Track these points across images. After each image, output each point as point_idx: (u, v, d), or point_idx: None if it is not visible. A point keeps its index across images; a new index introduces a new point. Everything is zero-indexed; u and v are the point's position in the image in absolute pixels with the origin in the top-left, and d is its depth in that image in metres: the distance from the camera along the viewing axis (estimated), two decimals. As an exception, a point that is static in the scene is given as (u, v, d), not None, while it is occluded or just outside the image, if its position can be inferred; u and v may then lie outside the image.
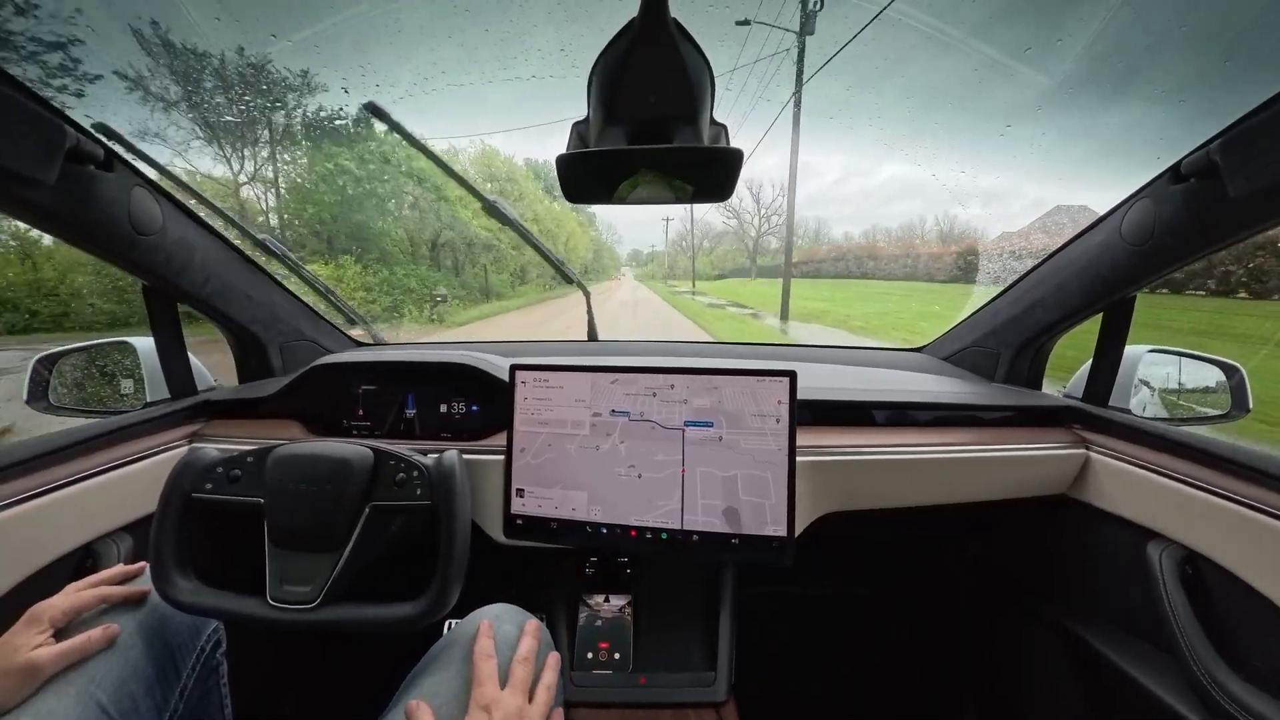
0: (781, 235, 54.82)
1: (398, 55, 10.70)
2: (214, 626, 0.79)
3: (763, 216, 58.87)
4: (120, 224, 0.88)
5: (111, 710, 0.60)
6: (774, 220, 57.27)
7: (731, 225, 60.57)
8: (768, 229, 58.69)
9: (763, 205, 57.61)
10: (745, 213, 60.58)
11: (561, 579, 1.10)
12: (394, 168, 13.74)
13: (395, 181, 14.22)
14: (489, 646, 0.68)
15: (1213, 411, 1.13)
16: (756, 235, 60.47)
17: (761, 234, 59.79)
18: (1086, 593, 1.05)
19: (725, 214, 57.32)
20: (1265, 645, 0.74)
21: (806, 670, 1.52)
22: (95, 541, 0.86)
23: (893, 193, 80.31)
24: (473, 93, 25.23)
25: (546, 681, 0.70)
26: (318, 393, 1.09)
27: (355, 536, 0.73)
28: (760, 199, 57.69)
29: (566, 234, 26.60)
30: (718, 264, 70.28)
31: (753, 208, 58.23)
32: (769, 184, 59.64)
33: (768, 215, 58.72)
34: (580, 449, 0.91)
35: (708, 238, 76.04)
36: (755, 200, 57.72)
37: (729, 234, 67.60)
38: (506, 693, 0.64)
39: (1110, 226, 0.95)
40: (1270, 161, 0.66)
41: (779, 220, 57.48)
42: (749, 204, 63.56)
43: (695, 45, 0.57)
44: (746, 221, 60.64)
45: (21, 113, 0.68)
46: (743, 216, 60.67)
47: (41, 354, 1.14)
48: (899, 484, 1.01)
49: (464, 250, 18.06)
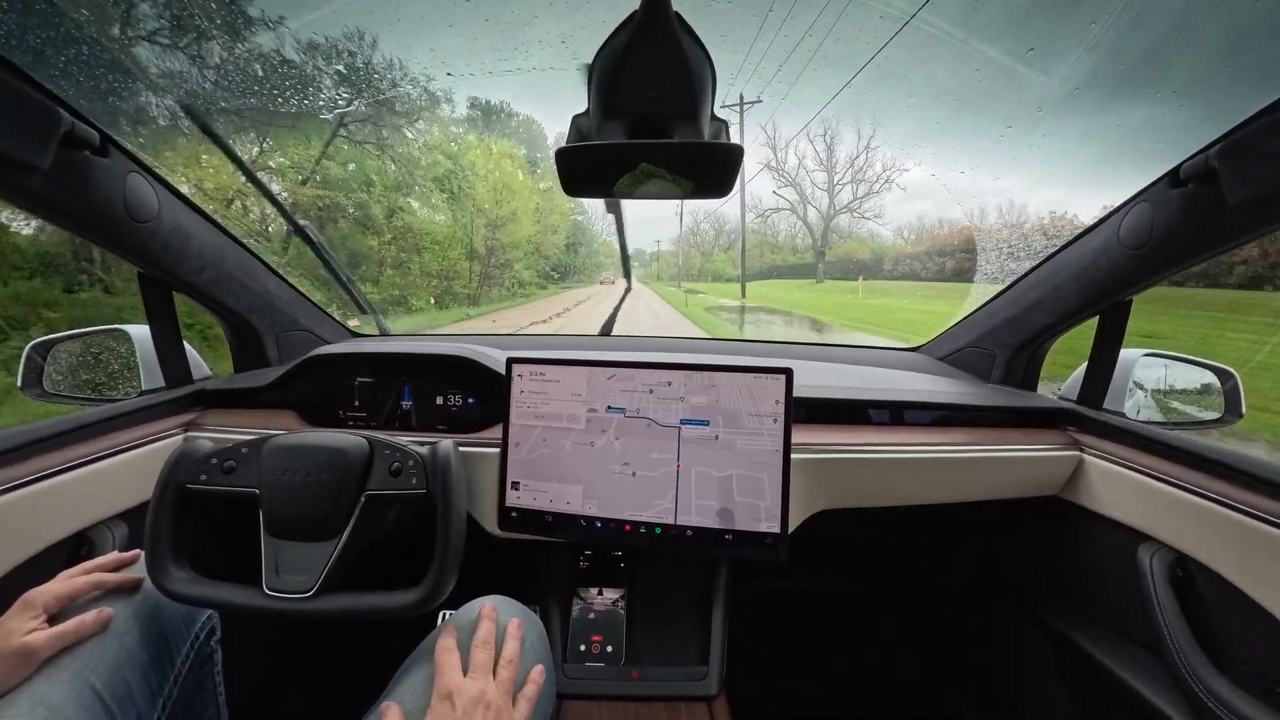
0: (868, 212, 36.59)
1: (398, 44, 10.60)
2: (208, 614, 0.79)
3: (841, 185, 35.73)
4: (116, 210, 0.87)
5: (106, 696, 0.60)
6: (862, 192, 35.19)
7: (785, 201, 38.13)
8: (855, 202, 36.31)
9: (837, 168, 35.80)
10: (807, 179, 38.67)
11: (555, 572, 1.10)
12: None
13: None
14: (450, 643, 0.68)
15: (1206, 416, 1.14)
16: (829, 212, 37.11)
17: (837, 210, 37.07)
18: (1078, 593, 1.06)
19: (779, 181, 37.14)
20: (1252, 648, 0.75)
21: (798, 666, 1.53)
22: (90, 529, 0.86)
23: (901, 195, 62.09)
24: (473, 85, 23.64)
25: (507, 656, 0.69)
26: (314, 383, 1.09)
27: (351, 526, 0.73)
28: (831, 158, 35.58)
29: (511, 211, 16.98)
30: (738, 261, 54.59)
31: (819, 173, 36.60)
32: (851, 133, 37.69)
33: (846, 183, 35.65)
34: (575, 444, 0.92)
35: (721, 234, 58.55)
36: (825, 159, 35.39)
37: (773, 216, 46.16)
38: (467, 679, 0.63)
39: (1108, 230, 0.95)
40: (1268, 168, 0.66)
41: (865, 193, 35.01)
42: (811, 166, 41.53)
43: (697, 40, 0.56)
44: (807, 196, 38.20)
45: (15, 97, 0.67)
46: (803, 186, 38.76)
47: (36, 340, 1.14)
48: (893, 482, 1.02)
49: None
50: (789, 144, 37.40)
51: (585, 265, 33.55)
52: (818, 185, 38.04)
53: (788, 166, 36.77)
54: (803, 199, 38.19)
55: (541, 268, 21.78)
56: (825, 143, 37.32)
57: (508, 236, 17.22)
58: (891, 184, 35.03)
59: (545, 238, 21.39)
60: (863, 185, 37.71)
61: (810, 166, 41.67)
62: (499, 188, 16.95)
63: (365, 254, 12.40)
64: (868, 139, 36.28)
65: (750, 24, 13.15)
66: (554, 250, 22.97)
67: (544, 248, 21.45)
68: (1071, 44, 1.16)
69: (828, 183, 37.74)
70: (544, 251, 21.49)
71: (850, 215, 37.95)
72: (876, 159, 36.61)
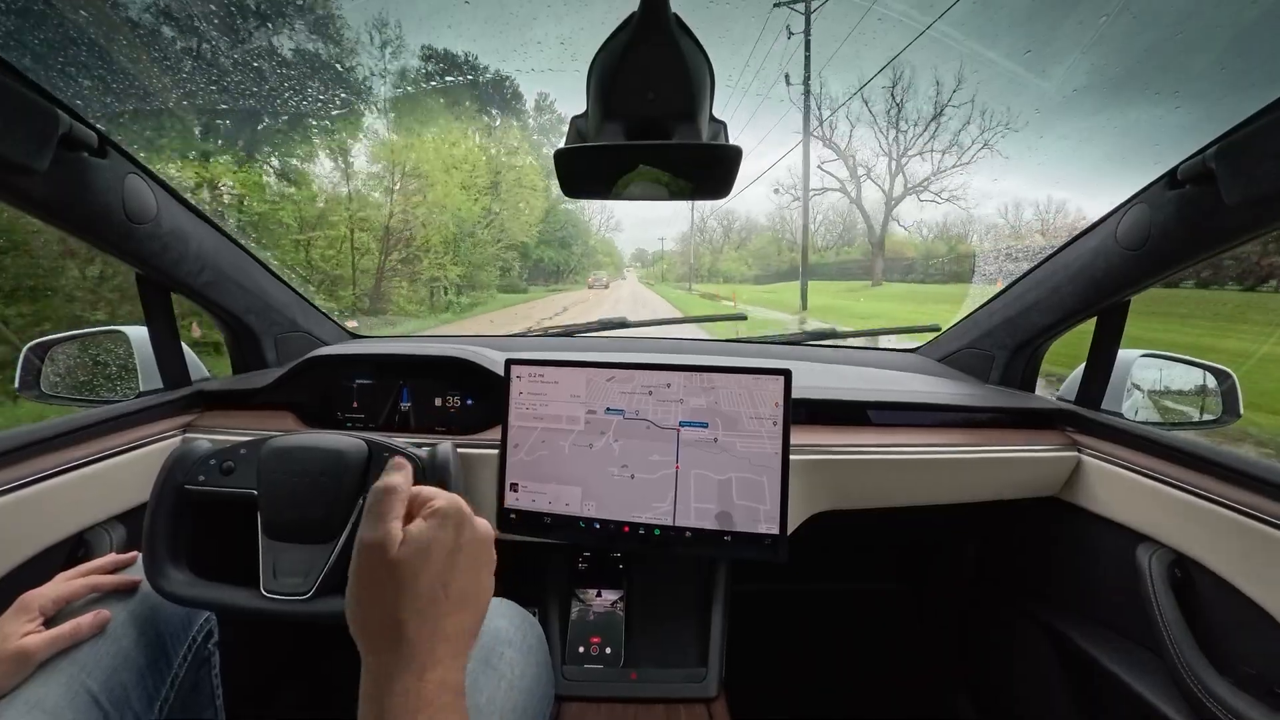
0: (944, 191, 24.10)
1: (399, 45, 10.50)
2: (206, 616, 0.79)
3: (908, 154, 24.16)
4: (114, 212, 0.87)
5: (102, 699, 0.60)
6: (948, 163, 23.42)
7: (835, 180, 25.81)
8: (931, 179, 24.44)
9: (908, 131, 23.94)
10: (873, 140, 25.88)
11: (554, 573, 1.10)
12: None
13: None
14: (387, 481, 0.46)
15: (1204, 416, 1.14)
16: (892, 192, 25.23)
17: (909, 187, 25.15)
18: (1077, 594, 1.06)
19: (826, 154, 24.87)
20: (1251, 649, 0.75)
21: (798, 667, 1.53)
22: (87, 531, 0.86)
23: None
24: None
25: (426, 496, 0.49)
26: (312, 385, 1.09)
27: (349, 528, 0.73)
28: (900, 115, 23.85)
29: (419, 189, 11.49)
30: (750, 260, 46.83)
31: (881, 138, 24.37)
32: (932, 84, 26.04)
33: (916, 154, 24.00)
34: (574, 446, 0.91)
35: (731, 230, 49.50)
36: (890, 122, 23.78)
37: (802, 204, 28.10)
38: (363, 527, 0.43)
39: (1106, 230, 0.96)
40: (1265, 169, 0.66)
41: (951, 165, 23.19)
42: (865, 133, 29.87)
43: (696, 42, 0.56)
44: (869, 169, 25.43)
45: (13, 98, 0.67)
46: (859, 157, 26.04)
47: (33, 341, 1.13)
48: (892, 483, 1.02)
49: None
50: (853, 97, 25.13)
51: (581, 265, 27.64)
52: (881, 155, 25.32)
53: (837, 136, 25.47)
54: (854, 176, 26.13)
55: (510, 264, 16.89)
56: (894, 97, 23.83)
57: (423, 223, 11.47)
58: (991, 148, 22.60)
59: (512, 223, 15.92)
60: (948, 155, 24.07)
61: (869, 135, 28.27)
62: (396, 151, 11.33)
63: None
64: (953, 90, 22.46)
65: (749, 24, 12.87)
66: (525, 240, 17.11)
67: (508, 238, 15.77)
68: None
69: (894, 151, 24.90)
70: (508, 243, 15.90)
71: (917, 197, 25.41)
72: (956, 120, 23.18)
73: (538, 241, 20.66)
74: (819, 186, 26.82)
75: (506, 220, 16.06)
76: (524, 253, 18.74)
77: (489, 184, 14.90)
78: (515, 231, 16.58)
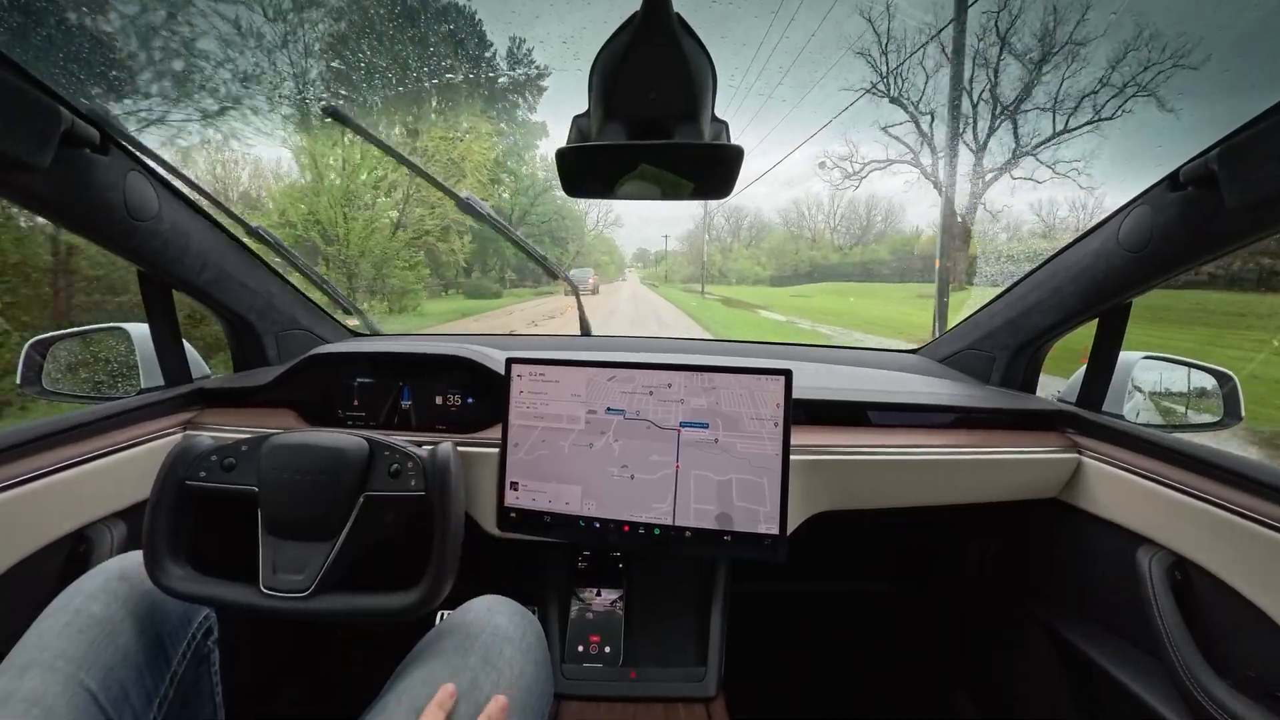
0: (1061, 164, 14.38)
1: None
2: (205, 614, 0.79)
3: (1012, 111, 14.67)
4: (116, 209, 0.87)
5: (101, 697, 0.60)
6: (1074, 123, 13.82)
7: (904, 147, 17.94)
8: (1052, 143, 14.91)
9: (1014, 75, 14.62)
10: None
11: (554, 572, 1.10)
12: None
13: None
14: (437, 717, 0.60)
15: (1205, 419, 1.14)
16: (984, 165, 15.57)
17: (1025, 146, 15.23)
18: (1077, 596, 1.06)
19: (887, 111, 17.71)
20: (1251, 651, 0.75)
21: (797, 667, 1.53)
22: (88, 527, 0.86)
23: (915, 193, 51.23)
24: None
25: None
26: (313, 382, 1.09)
27: (349, 526, 0.73)
28: (1004, 54, 14.26)
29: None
30: (769, 260, 42.10)
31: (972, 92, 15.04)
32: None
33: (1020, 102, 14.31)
34: (574, 446, 0.91)
35: (740, 228, 45.77)
36: (985, 64, 14.48)
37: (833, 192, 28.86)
38: None
39: (1108, 232, 0.96)
40: (1267, 172, 0.66)
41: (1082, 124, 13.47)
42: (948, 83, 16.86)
43: (698, 41, 0.56)
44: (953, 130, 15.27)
45: (15, 94, 0.67)
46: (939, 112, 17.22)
47: (35, 338, 1.14)
48: (892, 484, 1.02)
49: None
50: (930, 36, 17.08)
51: (577, 264, 24.79)
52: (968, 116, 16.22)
53: (908, 89, 17.82)
54: (927, 142, 17.95)
55: (474, 260, 14.00)
56: (997, 29, 15.00)
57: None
58: (1152, 93, 13.05)
59: (423, 213, 12.37)
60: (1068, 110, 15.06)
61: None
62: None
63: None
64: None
65: (750, 25, 12.71)
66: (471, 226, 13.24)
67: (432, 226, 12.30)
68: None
69: (987, 107, 16.32)
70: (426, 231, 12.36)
71: (1009, 176, 16.61)
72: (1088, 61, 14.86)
73: (524, 235, 19.53)
74: (882, 158, 19.44)
75: (420, 214, 12.38)
76: (497, 250, 15.16)
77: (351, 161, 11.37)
78: (427, 221, 12.71)
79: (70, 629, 0.62)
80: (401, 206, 12.69)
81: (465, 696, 0.64)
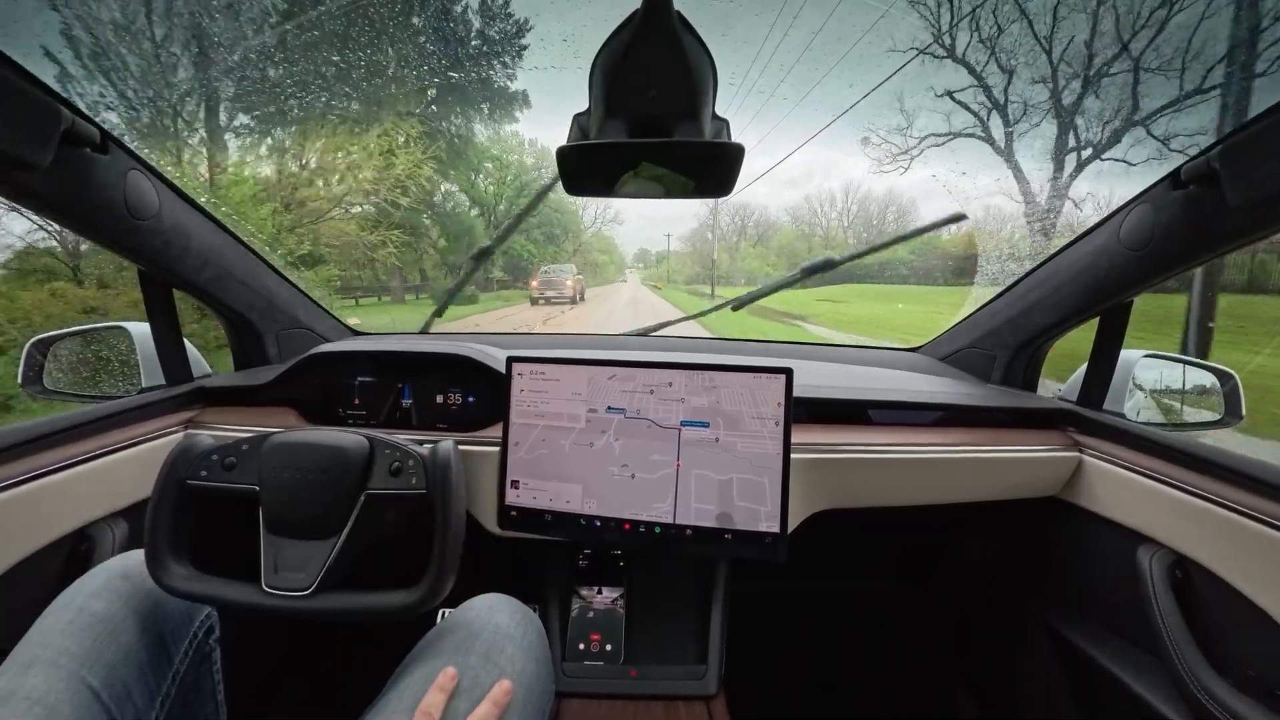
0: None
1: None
2: (207, 613, 0.79)
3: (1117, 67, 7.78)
4: (116, 208, 0.87)
5: (103, 695, 0.60)
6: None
7: (971, 116, 12.01)
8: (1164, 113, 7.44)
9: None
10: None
11: (555, 570, 1.10)
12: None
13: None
14: (438, 701, 0.62)
15: (1206, 417, 1.14)
16: (1079, 139, 9.89)
17: (1122, 123, 9.18)
18: (1077, 594, 1.06)
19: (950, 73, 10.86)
20: (1252, 650, 0.75)
21: (797, 665, 1.53)
22: (90, 526, 0.86)
23: (921, 192, 47.33)
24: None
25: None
26: (314, 381, 1.09)
27: (350, 525, 0.73)
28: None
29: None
30: (778, 259, 40.55)
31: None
32: None
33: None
34: (574, 445, 0.91)
35: (746, 224, 43.38)
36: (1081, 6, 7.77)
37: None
38: None
39: (1109, 231, 0.95)
40: (1269, 170, 0.66)
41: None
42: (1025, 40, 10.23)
43: (698, 39, 0.56)
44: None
45: (15, 94, 0.67)
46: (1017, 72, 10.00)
47: (36, 338, 1.14)
48: (893, 483, 1.02)
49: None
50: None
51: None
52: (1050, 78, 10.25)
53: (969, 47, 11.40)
54: (1000, 108, 11.80)
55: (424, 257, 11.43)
56: None
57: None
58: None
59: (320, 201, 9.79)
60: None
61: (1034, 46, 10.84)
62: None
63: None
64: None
65: (751, 23, 12.44)
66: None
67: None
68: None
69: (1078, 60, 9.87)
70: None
71: (1095, 160, 10.16)
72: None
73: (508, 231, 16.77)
74: (945, 130, 14.94)
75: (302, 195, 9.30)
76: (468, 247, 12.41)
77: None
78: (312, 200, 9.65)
79: (73, 627, 0.63)
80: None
81: (466, 694, 0.64)
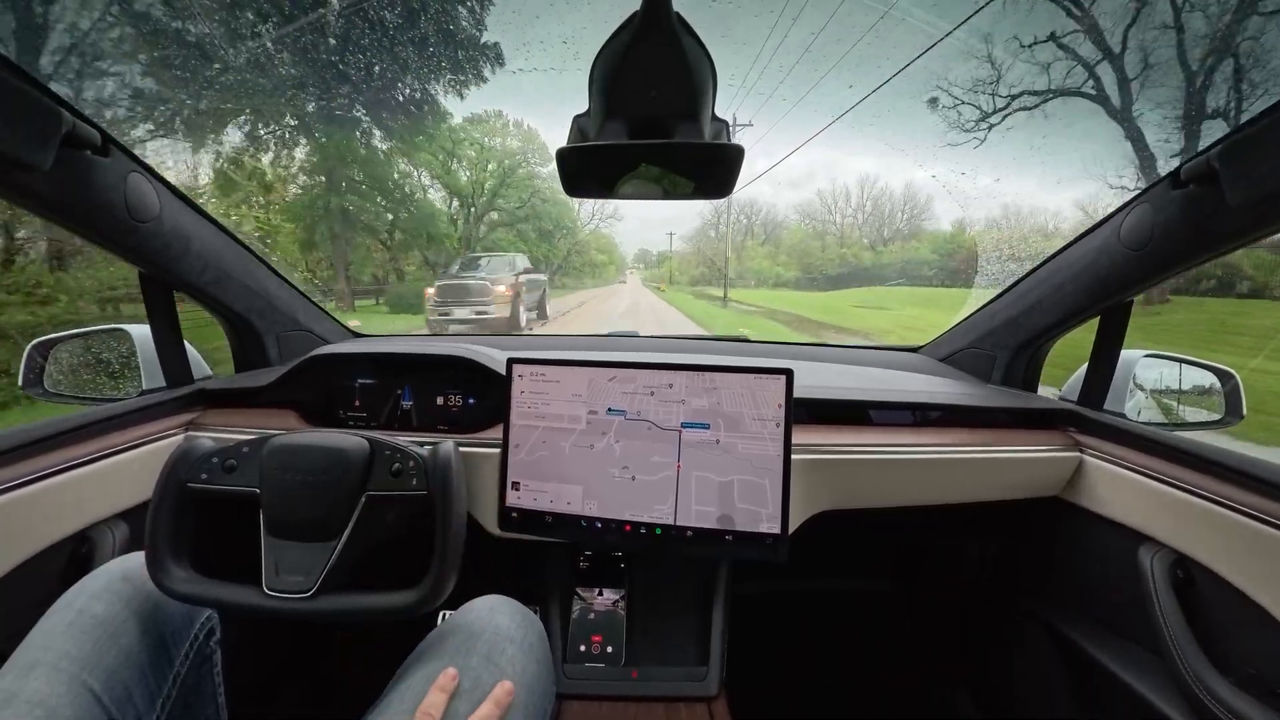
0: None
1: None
2: (207, 615, 0.79)
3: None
4: (117, 210, 0.87)
5: (104, 697, 0.60)
6: None
7: (1067, 66, 10.72)
8: None
9: None
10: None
11: (555, 572, 1.10)
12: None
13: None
14: (438, 702, 0.62)
15: (1207, 417, 1.14)
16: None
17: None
18: (1078, 594, 1.06)
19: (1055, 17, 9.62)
20: (1253, 649, 0.75)
21: (798, 666, 1.53)
22: (90, 528, 0.86)
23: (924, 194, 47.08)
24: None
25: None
26: (314, 383, 1.09)
27: (351, 526, 0.73)
28: None
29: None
30: (789, 260, 37.46)
31: None
32: None
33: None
34: (575, 446, 0.91)
35: (753, 223, 41.53)
36: None
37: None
38: None
39: (1109, 230, 0.95)
40: (1269, 170, 0.66)
41: None
42: None
43: (698, 40, 0.56)
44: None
45: (16, 96, 0.67)
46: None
47: (37, 340, 1.14)
48: (893, 483, 1.02)
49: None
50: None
51: (569, 264, 21.11)
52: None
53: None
54: (1112, 60, 10.28)
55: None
56: None
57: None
58: None
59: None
60: None
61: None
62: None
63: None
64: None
65: (751, 24, 12.47)
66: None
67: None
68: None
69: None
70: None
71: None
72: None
73: (495, 225, 13.70)
74: (1045, 88, 12.81)
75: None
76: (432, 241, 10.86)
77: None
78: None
79: (74, 629, 0.63)
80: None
81: (467, 695, 0.64)
